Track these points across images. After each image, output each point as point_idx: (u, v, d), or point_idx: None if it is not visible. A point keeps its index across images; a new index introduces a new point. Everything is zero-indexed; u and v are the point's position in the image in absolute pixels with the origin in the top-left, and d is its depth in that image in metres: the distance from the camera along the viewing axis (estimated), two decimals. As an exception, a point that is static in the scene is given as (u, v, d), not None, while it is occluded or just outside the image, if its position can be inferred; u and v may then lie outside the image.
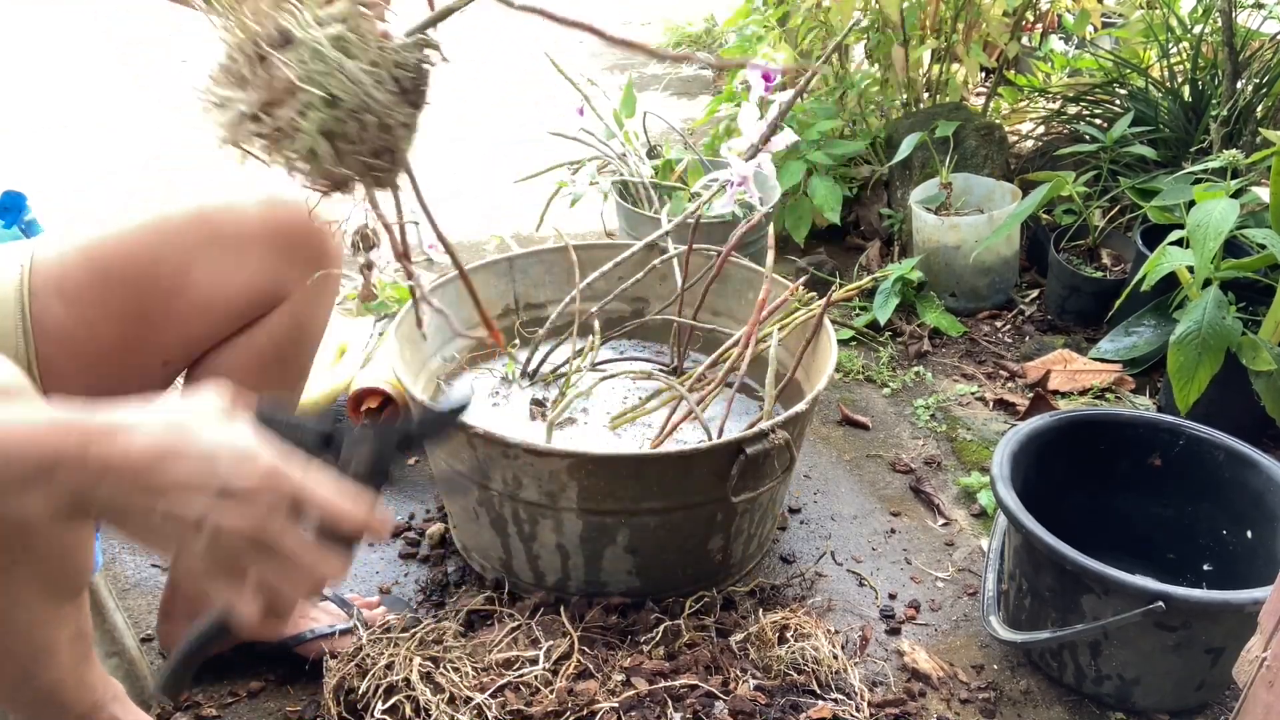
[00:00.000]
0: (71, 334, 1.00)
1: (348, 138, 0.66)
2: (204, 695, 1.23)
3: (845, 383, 1.99)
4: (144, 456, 0.58)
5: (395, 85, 0.67)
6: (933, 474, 1.71)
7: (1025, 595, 1.28)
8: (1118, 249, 2.23)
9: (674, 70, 4.27)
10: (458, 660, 1.13)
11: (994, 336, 2.17)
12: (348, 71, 0.64)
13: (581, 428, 1.54)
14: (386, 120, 0.67)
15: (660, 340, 1.78)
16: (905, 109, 2.74)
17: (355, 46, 0.66)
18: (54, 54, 4.29)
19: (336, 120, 0.65)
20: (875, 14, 2.65)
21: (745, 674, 1.18)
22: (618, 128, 2.18)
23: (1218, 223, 1.53)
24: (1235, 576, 1.30)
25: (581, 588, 1.34)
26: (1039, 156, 2.62)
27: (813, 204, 2.32)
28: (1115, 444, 1.41)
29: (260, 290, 1.08)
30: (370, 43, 0.66)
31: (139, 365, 1.06)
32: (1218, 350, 1.55)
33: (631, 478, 1.21)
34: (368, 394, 1.70)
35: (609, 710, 1.09)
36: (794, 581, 1.45)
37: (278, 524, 0.59)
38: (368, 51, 0.66)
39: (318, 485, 0.60)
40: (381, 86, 0.66)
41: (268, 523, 0.59)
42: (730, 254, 1.59)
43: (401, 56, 0.68)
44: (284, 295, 1.11)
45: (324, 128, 0.65)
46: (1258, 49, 2.33)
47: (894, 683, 1.27)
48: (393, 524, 0.61)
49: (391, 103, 0.67)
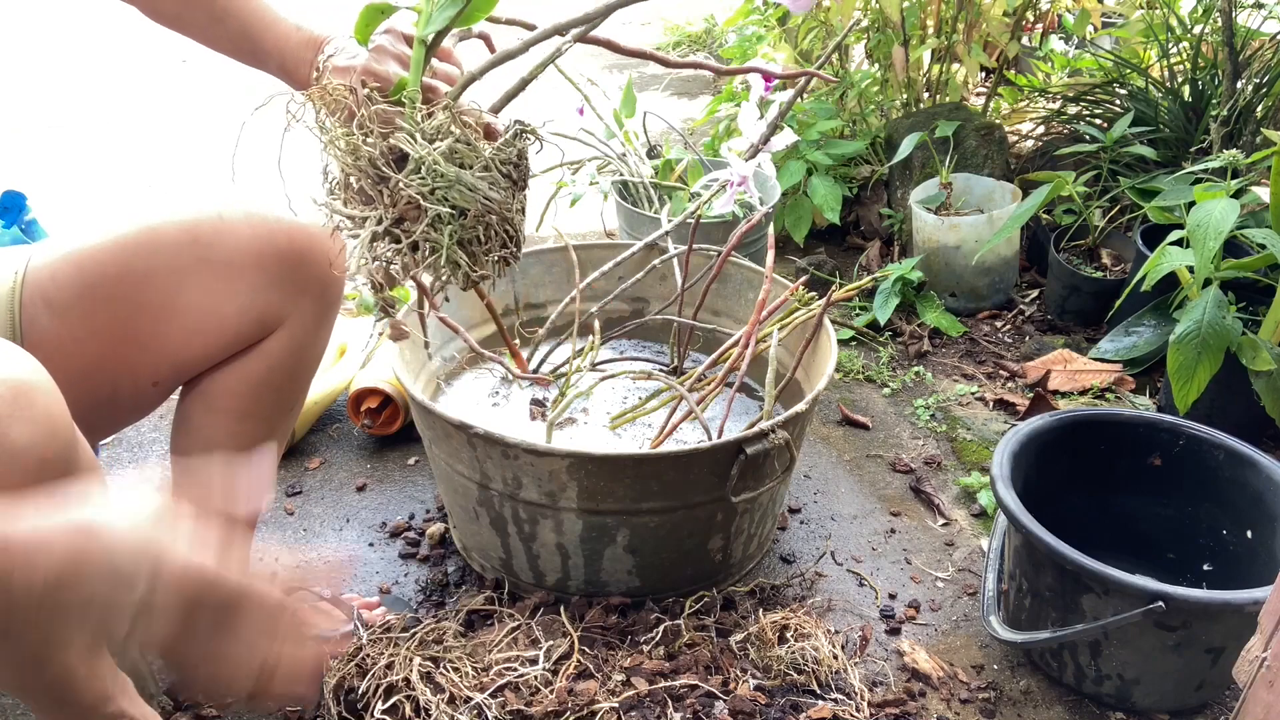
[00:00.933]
0: (59, 347, 0.98)
1: (479, 241, 0.70)
2: (204, 695, 1.23)
3: (845, 383, 1.99)
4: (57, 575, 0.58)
5: (507, 181, 0.72)
6: (933, 474, 1.71)
7: (1025, 595, 1.28)
8: (1118, 249, 2.23)
9: (674, 70, 4.27)
10: (458, 660, 1.13)
11: (994, 336, 2.17)
12: (466, 182, 0.69)
13: (581, 428, 1.54)
14: (506, 214, 0.71)
15: (660, 340, 1.78)
16: (905, 109, 2.74)
17: (466, 156, 0.70)
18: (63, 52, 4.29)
19: (466, 229, 0.70)
20: (875, 14, 2.66)
21: (745, 674, 1.18)
22: (618, 128, 2.18)
23: (1218, 223, 1.53)
24: (1235, 576, 1.30)
25: (581, 588, 1.34)
26: (1039, 156, 2.62)
27: (813, 204, 2.32)
28: (1115, 444, 1.41)
29: (254, 317, 1.06)
30: (479, 149, 0.70)
31: (129, 384, 1.05)
32: (1218, 350, 1.55)
33: (631, 478, 1.21)
34: (368, 394, 1.70)
35: (609, 710, 1.09)
36: (794, 581, 1.45)
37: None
38: (479, 158, 0.70)
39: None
40: (496, 186, 0.71)
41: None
42: (730, 254, 1.59)
43: (506, 154, 0.72)
44: (280, 321, 1.09)
45: (458, 238, 0.69)
46: (1258, 49, 2.33)
47: (894, 683, 1.27)
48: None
49: (507, 198, 0.71)
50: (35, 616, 0.58)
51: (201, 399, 1.11)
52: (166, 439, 1.74)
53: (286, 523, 1.56)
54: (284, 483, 1.65)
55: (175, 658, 0.62)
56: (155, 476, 0.61)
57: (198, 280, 1.02)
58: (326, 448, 1.74)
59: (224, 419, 1.11)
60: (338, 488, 1.64)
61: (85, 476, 0.82)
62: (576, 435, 1.53)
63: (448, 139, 0.69)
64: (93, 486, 0.83)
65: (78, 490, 0.62)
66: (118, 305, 1.02)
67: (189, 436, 1.14)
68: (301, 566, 0.64)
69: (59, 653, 0.90)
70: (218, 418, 1.11)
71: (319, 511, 1.58)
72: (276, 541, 1.52)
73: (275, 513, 1.58)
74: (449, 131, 0.69)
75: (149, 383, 1.06)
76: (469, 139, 0.70)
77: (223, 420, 1.11)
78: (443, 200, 0.68)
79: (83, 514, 0.59)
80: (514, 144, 0.73)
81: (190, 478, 1.16)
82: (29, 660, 0.89)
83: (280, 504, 1.60)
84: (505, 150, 0.72)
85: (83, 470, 0.81)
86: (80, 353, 1.01)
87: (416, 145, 0.69)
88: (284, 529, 1.54)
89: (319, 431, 1.78)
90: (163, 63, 4.15)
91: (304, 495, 1.62)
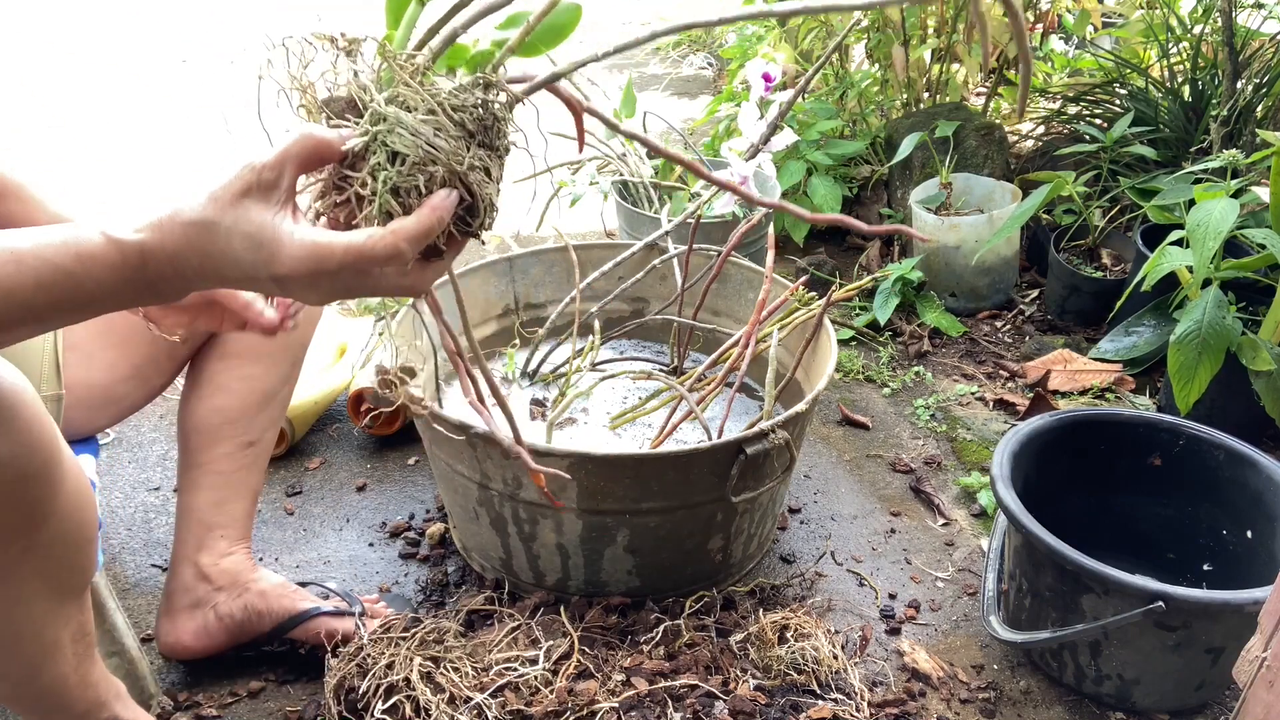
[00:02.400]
0: (105, 317, 1.03)
1: (418, 192, 0.65)
2: (204, 695, 1.23)
3: (845, 383, 1.99)
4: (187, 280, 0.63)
5: (459, 130, 0.66)
6: (933, 474, 1.71)
7: (1025, 595, 1.28)
8: (1118, 249, 2.23)
9: (674, 70, 4.27)
10: (458, 660, 1.13)
11: (994, 336, 2.17)
12: (405, 124, 0.64)
13: (581, 428, 1.54)
14: (454, 167, 0.65)
15: (660, 340, 1.78)
16: (905, 109, 2.74)
17: (412, 99, 0.65)
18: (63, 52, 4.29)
19: (403, 177, 0.64)
20: (876, 14, 2.65)
21: (745, 674, 1.18)
22: (617, 127, 2.17)
23: (1218, 223, 1.53)
24: (1235, 576, 1.30)
25: (581, 588, 1.34)
26: (1039, 156, 2.62)
27: (813, 204, 2.32)
28: (1115, 444, 1.41)
29: None
30: (426, 94, 0.65)
31: (166, 342, 1.11)
32: (1218, 350, 1.55)
33: (631, 478, 1.21)
34: (368, 394, 1.70)
35: (609, 710, 1.09)
36: (794, 581, 1.45)
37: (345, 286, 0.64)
38: (424, 101, 0.65)
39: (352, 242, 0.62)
40: (444, 133, 0.65)
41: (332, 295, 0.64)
42: (730, 254, 1.59)
43: (459, 99, 0.66)
44: None
45: (392, 186, 0.64)
46: (1258, 49, 2.33)
47: (894, 683, 1.27)
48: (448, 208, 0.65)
49: (457, 148, 0.66)
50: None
51: (217, 346, 1.19)
52: (166, 439, 1.75)
53: (286, 523, 1.56)
54: (284, 483, 1.65)
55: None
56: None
57: None
58: (326, 448, 1.74)
59: (235, 363, 1.19)
60: (338, 488, 1.64)
61: (70, 493, 0.82)
62: (576, 435, 1.53)
63: (396, 88, 0.65)
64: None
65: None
66: None
67: (202, 388, 1.20)
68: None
69: (51, 662, 0.90)
70: (230, 363, 1.19)
71: (319, 511, 1.58)
72: (277, 541, 1.52)
73: (275, 513, 1.58)
74: (395, 79, 0.65)
75: (181, 339, 1.12)
76: (418, 84, 0.65)
77: (234, 365, 1.19)
78: (382, 146, 0.64)
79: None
80: (471, 92, 0.67)
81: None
82: (23, 670, 0.89)
83: (280, 504, 1.60)
84: (459, 97, 0.66)
85: (68, 486, 0.81)
86: (124, 315, 1.04)
87: (362, 91, 0.65)
88: (284, 529, 1.54)
89: (319, 431, 1.78)
90: (163, 62, 4.15)
91: (304, 495, 1.62)
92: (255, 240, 0.61)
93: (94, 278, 0.61)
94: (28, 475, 0.76)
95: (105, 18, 4.83)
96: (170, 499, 1.58)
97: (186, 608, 1.21)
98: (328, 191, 0.68)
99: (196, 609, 1.21)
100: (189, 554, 1.21)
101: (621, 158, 2.15)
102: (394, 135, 0.64)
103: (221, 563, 1.21)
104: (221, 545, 1.21)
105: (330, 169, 0.66)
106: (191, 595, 1.21)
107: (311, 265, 0.61)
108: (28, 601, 0.84)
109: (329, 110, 0.67)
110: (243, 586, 1.22)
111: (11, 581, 0.81)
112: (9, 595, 0.82)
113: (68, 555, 0.85)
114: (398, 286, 0.66)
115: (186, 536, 1.21)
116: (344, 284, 0.63)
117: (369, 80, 0.66)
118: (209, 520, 1.21)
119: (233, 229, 0.61)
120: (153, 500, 1.60)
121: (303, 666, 1.26)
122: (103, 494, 1.60)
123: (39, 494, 0.78)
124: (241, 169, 0.62)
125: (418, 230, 0.63)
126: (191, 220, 0.61)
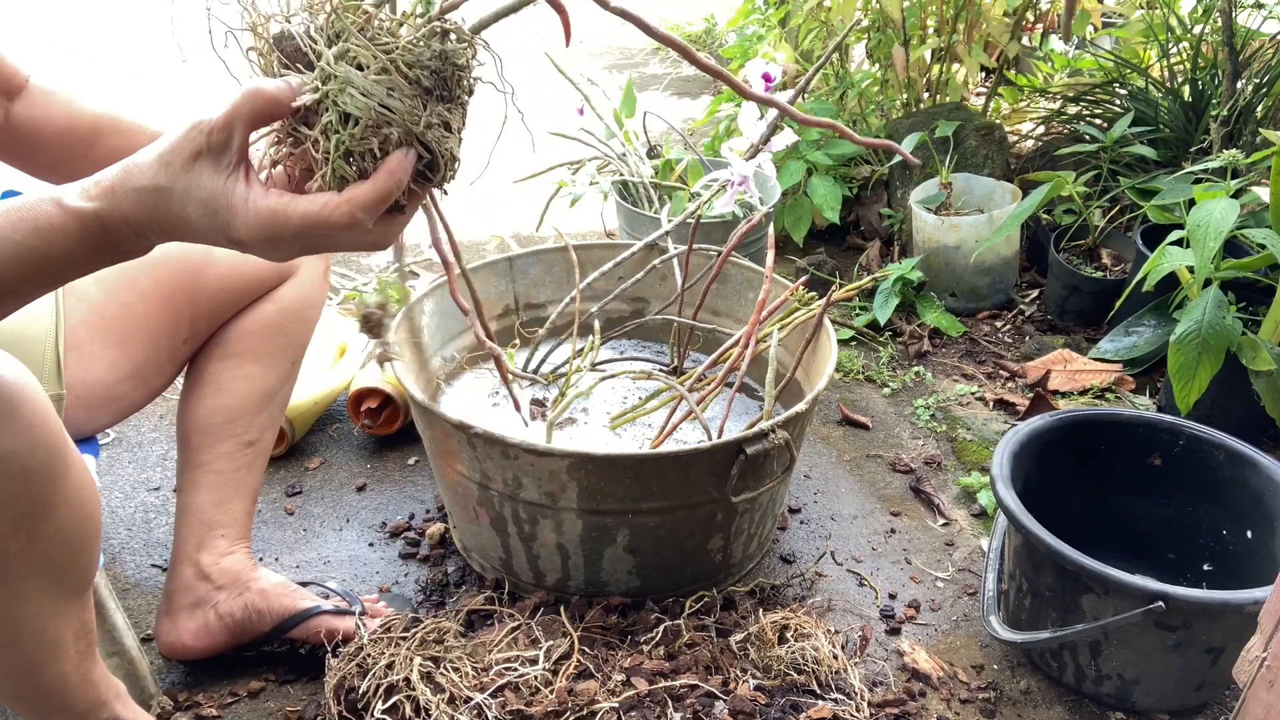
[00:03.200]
0: (104, 315, 1.07)
1: (372, 155, 0.62)
2: (204, 695, 1.23)
3: (845, 383, 1.99)
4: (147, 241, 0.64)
5: (414, 88, 0.62)
6: (933, 474, 1.71)
7: (1025, 595, 1.28)
8: (1118, 249, 2.23)
9: (674, 70, 4.27)
10: (458, 660, 1.13)
11: (994, 336, 2.17)
12: (357, 85, 0.60)
13: (581, 428, 1.54)
14: (410, 127, 0.62)
15: (660, 340, 1.78)
16: (905, 109, 2.74)
17: (364, 55, 0.61)
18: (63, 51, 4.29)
19: (356, 141, 0.61)
20: (876, 14, 2.66)
21: (745, 674, 1.18)
22: (618, 127, 2.18)
23: (1218, 223, 1.53)
24: (1235, 576, 1.30)
25: (581, 588, 1.34)
26: (1039, 156, 2.62)
27: (813, 204, 2.32)
28: (1115, 444, 1.41)
29: (276, 266, 1.18)
30: (377, 50, 0.61)
31: (167, 342, 1.14)
32: (1218, 350, 1.55)
33: (631, 478, 1.21)
34: (368, 394, 1.70)
35: (609, 710, 1.09)
36: (794, 581, 1.45)
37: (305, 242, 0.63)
38: (375, 59, 0.61)
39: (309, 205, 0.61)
40: (399, 93, 0.61)
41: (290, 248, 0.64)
42: (730, 254, 1.59)
43: (413, 54, 0.61)
44: (294, 268, 1.21)
45: (345, 149, 0.62)
46: (1258, 49, 2.33)
47: (894, 683, 1.27)
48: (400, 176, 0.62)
49: (414, 107, 0.62)
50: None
51: (218, 346, 1.20)
52: (166, 439, 1.75)
53: (286, 523, 1.56)
54: (284, 483, 1.65)
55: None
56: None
57: None
58: (326, 448, 1.74)
59: (236, 363, 1.20)
60: (338, 488, 1.64)
61: (74, 489, 0.82)
62: (576, 435, 1.53)
63: (347, 42, 0.60)
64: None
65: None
66: (160, 268, 1.10)
67: (202, 388, 1.21)
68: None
69: (53, 660, 0.90)
70: (230, 362, 1.20)
71: (319, 511, 1.58)
72: (277, 541, 1.52)
73: (275, 513, 1.58)
74: (349, 32, 0.61)
75: (181, 340, 1.16)
76: (368, 39, 0.61)
77: (235, 365, 1.20)
78: (333, 104, 0.61)
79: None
80: (426, 45, 0.62)
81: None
82: (24, 667, 0.89)
83: (280, 504, 1.60)
84: (413, 51, 0.61)
85: (72, 482, 0.81)
86: (125, 315, 1.05)
87: (311, 41, 0.61)
88: (284, 529, 1.54)
89: (319, 431, 1.78)
90: (163, 62, 4.15)
91: (304, 495, 1.62)
92: (209, 207, 0.61)
93: (57, 247, 0.61)
94: (30, 470, 0.76)
95: (105, 18, 4.83)
96: (170, 499, 1.58)
97: (187, 607, 1.21)
98: (282, 140, 0.65)
99: (197, 608, 1.21)
100: (189, 553, 1.21)
101: (621, 158, 2.15)
102: (345, 95, 0.61)
103: (222, 562, 1.21)
104: (222, 544, 1.21)
105: (283, 120, 0.64)
106: (192, 594, 1.21)
107: (268, 231, 0.61)
108: (30, 598, 0.84)
109: (281, 51, 0.64)
110: (243, 585, 1.22)
111: (13, 577, 0.81)
112: (10, 591, 0.82)
113: (70, 552, 0.85)
114: (360, 244, 0.66)
115: (187, 536, 1.21)
116: (304, 244, 0.63)
117: (318, 27, 0.62)
118: (209, 519, 1.21)
119: (186, 195, 0.61)
120: (153, 500, 1.60)
121: (303, 666, 1.26)
122: (103, 494, 1.60)
123: (42, 489, 0.78)
124: (190, 130, 0.61)
125: (374, 197, 0.62)
126: (143, 186, 0.61)
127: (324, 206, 0.61)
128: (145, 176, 0.61)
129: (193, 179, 0.61)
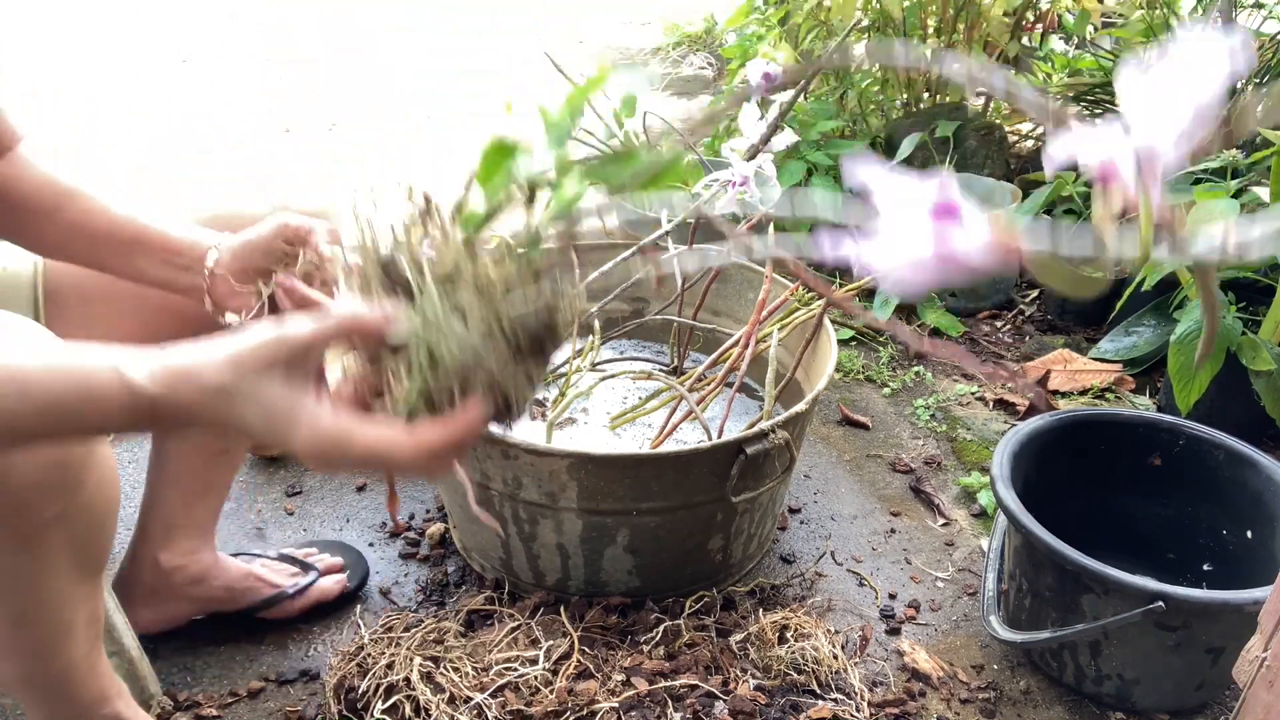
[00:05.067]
0: (87, 330, 1.05)
1: (449, 399, 0.60)
2: (204, 695, 1.23)
3: (845, 383, 1.99)
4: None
5: (510, 346, 0.60)
6: (933, 474, 1.71)
7: (1025, 595, 1.28)
8: (1118, 249, 2.23)
9: (674, 70, 4.27)
10: (458, 660, 1.13)
11: (994, 336, 2.17)
12: (456, 338, 0.59)
13: (581, 428, 1.54)
14: (496, 380, 0.60)
15: (660, 340, 1.78)
16: (905, 109, 2.74)
17: (469, 305, 0.60)
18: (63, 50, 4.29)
19: (439, 383, 0.60)
20: (876, 13, 2.66)
21: (745, 674, 1.18)
22: (618, 128, 2.18)
23: (1218, 223, 1.53)
24: (1235, 576, 1.30)
25: (581, 588, 1.34)
26: (1039, 156, 2.62)
27: (812, 203, 2.32)
28: (1115, 444, 1.41)
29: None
30: (487, 303, 0.59)
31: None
32: (1218, 350, 1.55)
33: (631, 478, 1.21)
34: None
35: (609, 710, 1.09)
36: (794, 581, 1.45)
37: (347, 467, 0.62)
38: (480, 319, 0.59)
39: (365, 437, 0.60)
40: (494, 351, 0.60)
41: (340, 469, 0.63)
42: (730, 254, 1.59)
43: (520, 317, 0.60)
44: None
45: (419, 388, 0.60)
46: (1258, 49, 2.33)
47: (894, 683, 1.27)
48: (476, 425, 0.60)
49: (503, 364, 0.60)
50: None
51: None
52: (166, 439, 1.74)
53: (286, 523, 1.56)
54: (284, 483, 1.65)
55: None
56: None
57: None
58: (326, 448, 1.74)
59: None
60: (338, 488, 1.64)
61: (101, 461, 0.83)
62: (576, 435, 1.53)
63: (461, 292, 0.59)
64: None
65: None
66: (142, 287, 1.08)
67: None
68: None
69: (65, 644, 0.91)
70: None
71: (319, 511, 1.58)
72: (277, 541, 1.51)
73: (275, 513, 1.58)
74: (462, 274, 0.59)
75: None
76: (481, 286, 0.59)
77: None
78: (422, 343, 0.59)
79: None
80: (534, 310, 0.60)
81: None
82: (39, 648, 0.90)
83: (280, 504, 1.60)
84: (519, 312, 0.60)
85: (100, 454, 0.83)
86: (106, 334, 1.05)
87: (419, 278, 0.60)
88: (284, 529, 1.54)
89: (319, 431, 1.78)
90: (163, 62, 4.15)
91: (304, 495, 1.62)
92: (270, 415, 0.60)
93: (99, 414, 0.60)
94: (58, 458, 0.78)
95: (105, 17, 4.83)
96: (170, 499, 1.58)
97: (143, 598, 1.23)
98: (357, 352, 0.64)
99: (154, 598, 1.24)
100: (150, 550, 1.22)
101: (621, 158, 2.15)
102: (442, 345, 0.59)
103: (182, 562, 1.23)
104: (185, 544, 1.22)
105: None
106: (147, 589, 1.23)
107: (327, 452, 0.60)
108: (54, 572, 0.86)
109: (386, 275, 0.62)
110: (204, 584, 1.25)
111: (47, 548, 0.83)
112: (43, 563, 0.84)
113: (94, 527, 0.87)
114: (416, 475, 0.65)
115: (151, 530, 1.22)
116: (358, 468, 0.62)
117: (427, 260, 0.61)
118: (173, 520, 1.22)
119: (250, 398, 0.59)
120: (153, 500, 1.60)
121: (303, 666, 1.26)
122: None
123: (80, 458, 0.80)
124: (270, 339, 0.60)
125: (444, 443, 0.60)
126: (209, 385, 0.59)
127: (392, 444, 0.60)
128: (213, 374, 0.59)
129: (262, 387, 0.59)
